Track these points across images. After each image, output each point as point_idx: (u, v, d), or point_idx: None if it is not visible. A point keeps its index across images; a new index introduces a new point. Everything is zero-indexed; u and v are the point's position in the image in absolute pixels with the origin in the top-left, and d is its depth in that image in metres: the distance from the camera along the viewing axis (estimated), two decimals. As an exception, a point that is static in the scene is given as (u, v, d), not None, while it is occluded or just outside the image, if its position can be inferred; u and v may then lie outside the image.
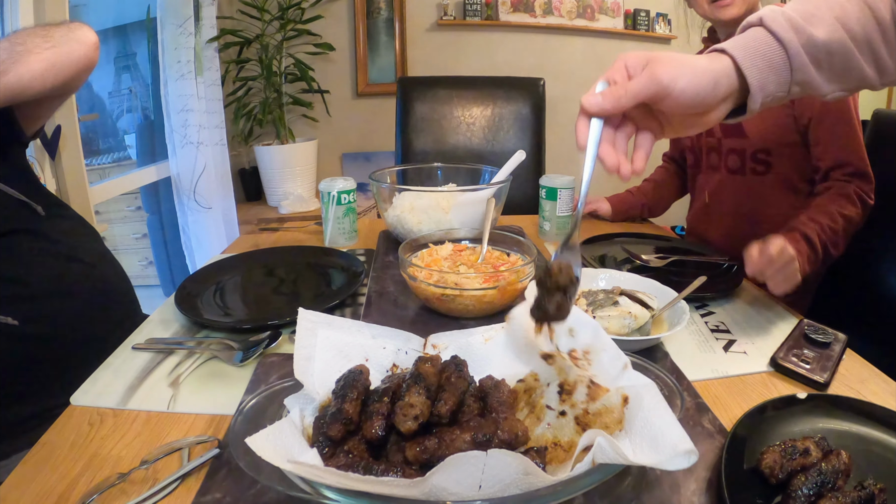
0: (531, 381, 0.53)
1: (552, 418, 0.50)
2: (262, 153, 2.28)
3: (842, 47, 0.52)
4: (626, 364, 0.49)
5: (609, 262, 0.97)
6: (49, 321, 0.75)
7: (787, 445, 0.46)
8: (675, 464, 0.37)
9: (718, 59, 0.52)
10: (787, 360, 0.64)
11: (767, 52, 0.51)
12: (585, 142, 0.51)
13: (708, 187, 1.18)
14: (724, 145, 1.13)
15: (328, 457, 0.44)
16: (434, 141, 1.68)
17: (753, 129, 1.05)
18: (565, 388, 0.52)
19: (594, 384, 0.50)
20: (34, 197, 0.81)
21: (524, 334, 0.56)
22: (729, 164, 1.13)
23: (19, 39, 0.76)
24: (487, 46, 2.62)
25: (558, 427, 0.49)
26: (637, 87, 0.49)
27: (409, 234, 1.00)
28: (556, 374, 0.53)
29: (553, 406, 0.51)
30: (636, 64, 0.51)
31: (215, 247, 1.99)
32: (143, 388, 0.62)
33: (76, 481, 0.47)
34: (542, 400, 0.51)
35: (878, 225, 0.99)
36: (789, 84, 0.53)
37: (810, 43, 0.51)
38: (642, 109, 0.53)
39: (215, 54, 2.03)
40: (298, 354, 0.50)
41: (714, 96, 0.51)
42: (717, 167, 1.16)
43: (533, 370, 0.54)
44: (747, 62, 0.51)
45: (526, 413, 0.51)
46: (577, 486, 0.39)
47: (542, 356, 0.54)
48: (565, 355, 0.53)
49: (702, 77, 0.50)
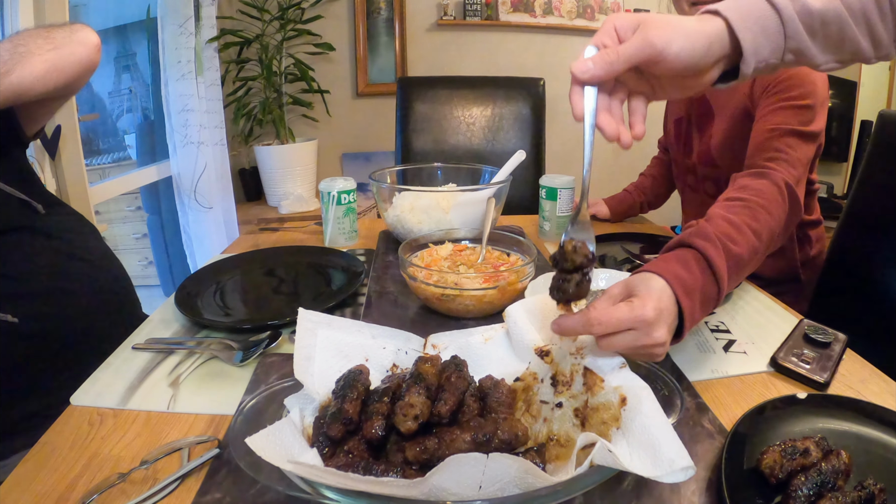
0: (529, 380, 0.53)
1: (547, 412, 0.50)
2: (262, 153, 2.28)
3: (837, 17, 0.51)
4: (622, 364, 0.49)
5: (609, 262, 0.97)
6: (49, 319, 0.75)
7: (787, 445, 0.46)
8: (672, 478, 0.38)
9: (710, 21, 0.50)
10: (787, 360, 0.64)
11: (761, 17, 0.50)
12: (582, 112, 0.49)
13: (691, 208, 1.18)
14: (698, 171, 1.10)
15: (328, 457, 0.44)
16: (434, 141, 1.68)
17: (725, 160, 1.02)
18: (560, 378, 0.52)
19: (589, 371, 0.50)
20: (34, 195, 0.81)
21: (520, 330, 0.56)
22: (707, 189, 1.11)
23: (21, 41, 0.76)
24: (487, 46, 2.62)
25: (555, 420, 0.49)
26: (630, 51, 0.47)
27: (409, 234, 1.00)
28: (549, 368, 0.53)
29: (548, 400, 0.51)
30: (626, 26, 0.49)
31: (215, 247, 1.99)
32: (143, 388, 0.62)
33: (76, 481, 0.47)
34: (536, 396, 0.51)
35: (879, 225, 0.99)
36: (783, 51, 0.52)
37: (805, 11, 0.50)
38: (633, 73, 0.51)
39: (215, 54, 2.03)
40: (298, 354, 0.50)
41: (707, 60, 0.50)
42: (695, 189, 1.15)
43: (530, 368, 0.54)
44: (741, 24, 0.50)
45: (523, 410, 0.51)
46: (576, 486, 0.39)
47: (538, 352, 0.54)
48: (562, 346, 0.53)
49: (696, 40, 0.48)
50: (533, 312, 0.58)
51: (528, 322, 0.57)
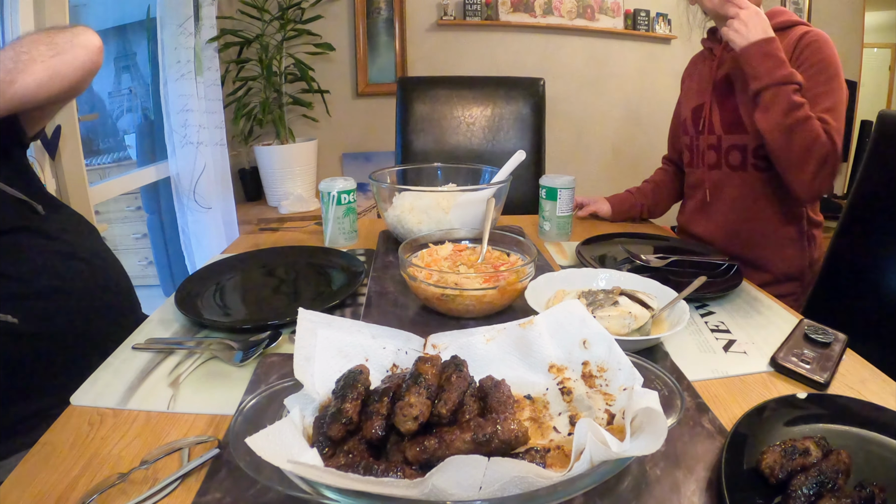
0: (540, 408, 0.52)
1: (557, 437, 0.49)
2: (262, 153, 2.28)
3: None
4: (641, 382, 0.49)
5: (609, 262, 0.97)
6: (49, 319, 0.75)
7: (786, 445, 0.46)
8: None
9: None
10: (787, 360, 0.64)
11: None
12: None
13: (708, 184, 1.18)
14: (724, 142, 1.13)
15: (328, 457, 0.44)
16: (434, 141, 1.68)
17: (751, 122, 1.05)
18: (567, 390, 0.52)
19: (611, 416, 0.50)
20: (34, 196, 0.81)
21: (541, 342, 0.56)
22: (730, 160, 1.13)
23: (24, 48, 0.76)
24: (487, 46, 2.62)
25: (565, 442, 0.49)
26: None
27: (409, 234, 1.00)
28: (565, 403, 0.52)
29: (561, 430, 0.50)
30: None
31: (215, 247, 1.99)
32: (143, 388, 0.62)
33: (76, 481, 0.47)
34: (550, 422, 0.51)
35: (879, 225, 0.99)
36: None
37: None
38: None
39: (215, 54, 2.03)
40: (298, 354, 0.50)
41: None
42: (716, 165, 1.16)
43: (543, 393, 0.54)
44: None
45: (532, 427, 0.51)
46: (576, 486, 0.39)
47: (552, 369, 0.54)
48: (578, 377, 0.53)
49: None
50: (560, 325, 0.58)
51: (549, 337, 0.57)
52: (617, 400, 0.51)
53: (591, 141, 2.82)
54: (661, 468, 0.48)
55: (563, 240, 1.14)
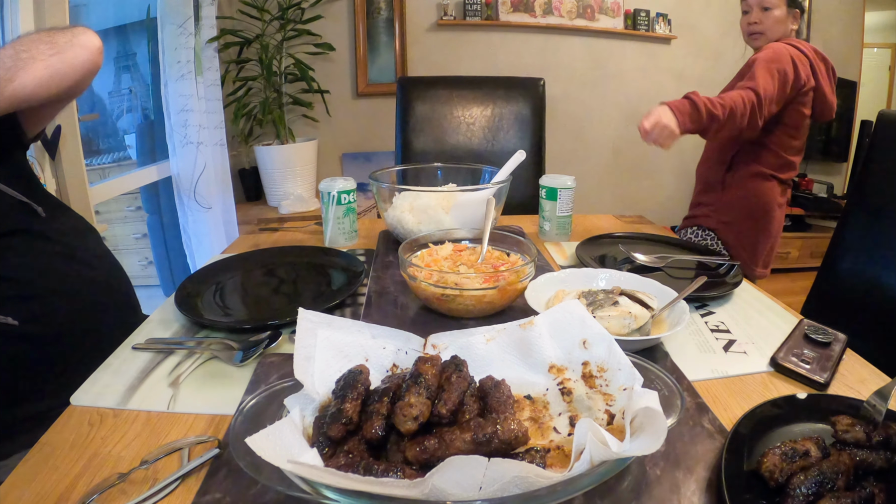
0: (540, 408, 0.52)
1: (557, 438, 0.49)
2: (262, 153, 2.28)
3: None
4: (641, 383, 0.49)
5: (609, 262, 0.97)
6: (49, 321, 0.75)
7: (786, 448, 0.46)
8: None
9: None
10: (787, 360, 0.64)
11: None
12: None
13: None
14: None
15: (328, 457, 0.44)
16: (434, 141, 1.68)
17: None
18: (567, 391, 0.52)
19: (611, 416, 0.50)
20: (34, 198, 0.81)
21: (541, 343, 0.56)
22: None
23: (24, 46, 0.76)
24: (487, 46, 2.62)
25: (565, 442, 0.49)
26: None
27: (409, 234, 1.00)
28: (565, 404, 0.52)
29: (561, 430, 0.50)
30: None
31: (215, 247, 1.99)
32: (143, 388, 0.62)
33: (76, 481, 0.47)
34: (550, 422, 0.51)
35: (879, 225, 0.99)
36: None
37: None
38: None
39: (215, 54, 2.03)
40: (298, 354, 0.50)
41: None
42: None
43: (543, 393, 0.54)
44: None
45: (532, 428, 0.51)
46: (577, 486, 0.39)
47: (552, 370, 0.54)
48: (578, 377, 0.53)
49: None
50: (560, 325, 0.58)
51: (549, 337, 0.57)
52: (617, 400, 0.51)
53: (591, 141, 2.82)
54: (661, 468, 0.48)
55: (563, 240, 1.14)
